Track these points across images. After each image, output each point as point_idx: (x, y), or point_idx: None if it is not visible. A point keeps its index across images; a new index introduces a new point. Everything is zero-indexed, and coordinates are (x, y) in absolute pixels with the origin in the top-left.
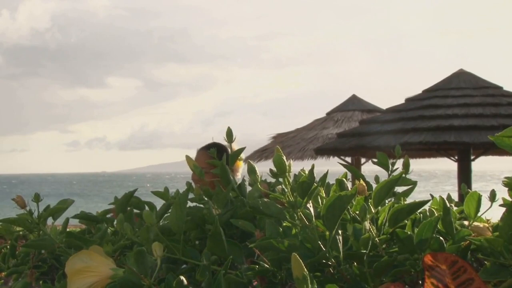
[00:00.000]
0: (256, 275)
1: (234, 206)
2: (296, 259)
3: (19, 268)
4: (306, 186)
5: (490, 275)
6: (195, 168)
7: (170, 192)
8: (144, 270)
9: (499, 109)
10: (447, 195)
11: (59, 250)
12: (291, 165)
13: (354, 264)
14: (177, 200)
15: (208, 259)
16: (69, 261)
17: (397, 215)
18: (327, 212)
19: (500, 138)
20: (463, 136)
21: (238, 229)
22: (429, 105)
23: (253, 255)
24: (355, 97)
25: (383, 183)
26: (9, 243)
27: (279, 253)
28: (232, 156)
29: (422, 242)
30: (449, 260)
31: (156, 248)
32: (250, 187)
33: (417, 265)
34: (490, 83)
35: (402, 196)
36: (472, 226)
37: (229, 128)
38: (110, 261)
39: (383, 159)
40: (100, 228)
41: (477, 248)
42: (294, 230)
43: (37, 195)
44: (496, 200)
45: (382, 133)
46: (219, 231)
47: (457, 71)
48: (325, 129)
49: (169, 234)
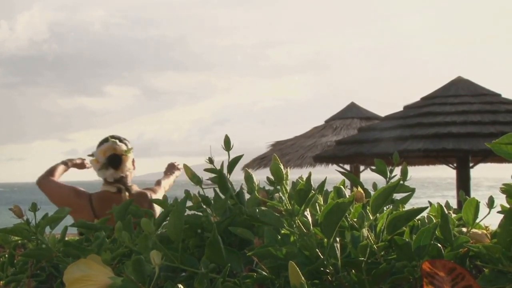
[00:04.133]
0: (255, 283)
1: (232, 214)
2: (294, 267)
3: (17, 276)
4: (304, 193)
5: (489, 282)
6: (193, 177)
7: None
8: (142, 279)
9: (497, 116)
10: (446, 202)
11: (57, 259)
12: (288, 172)
13: (352, 272)
14: (175, 208)
15: (207, 267)
16: (67, 270)
17: (395, 222)
18: (325, 219)
19: (498, 145)
20: (461, 143)
21: (237, 237)
22: (427, 113)
23: (252, 263)
24: (354, 105)
25: (381, 190)
26: (7, 252)
27: (278, 261)
28: (231, 164)
29: (420, 249)
30: (448, 267)
31: (154, 256)
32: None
33: (415, 272)
34: (489, 91)
35: (400, 203)
36: (471, 233)
37: (226, 136)
38: (108, 269)
39: (381, 166)
40: (98, 236)
41: (476, 255)
42: (292, 237)
43: (34, 204)
44: (495, 206)
45: (381, 140)
46: (217, 239)
47: (455, 79)
48: (323, 136)
49: (168, 242)
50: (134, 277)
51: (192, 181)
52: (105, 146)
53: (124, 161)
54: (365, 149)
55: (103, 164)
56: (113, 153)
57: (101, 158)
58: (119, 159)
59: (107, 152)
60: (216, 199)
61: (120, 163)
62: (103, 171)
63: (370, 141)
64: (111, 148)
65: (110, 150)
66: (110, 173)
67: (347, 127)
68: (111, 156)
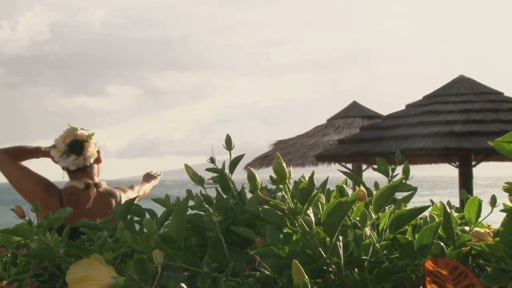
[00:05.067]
0: (257, 282)
1: (234, 213)
2: (297, 266)
3: (20, 276)
4: (306, 192)
5: (491, 280)
6: (194, 176)
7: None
8: (144, 278)
9: (499, 114)
10: (447, 201)
11: (59, 259)
12: (291, 171)
13: (355, 270)
14: (177, 208)
15: (209, 266)
16: (69, 270)
17: (398, 221)
18: (327, 218)
19: (500, 144)
20: (464, 142)
21: (239, 236)
22: (429, 111)
23: (254, 262)
24: (356, 104)
25: (383, 189)
26: (10, 252)
27: (280, 260)
28: (233, 163)
29: (423, 248)
30: (450, 266)
31: (156, 255)
32: (251, 194)
33: (418, 271)
34: (491, 89)
35: (403, 202)
36: (473, 231)
37: (228, 135)
38: (111, 269)
39: (383, 165)
40: (100, 236)
41: (478, 254)
42: (294, 236)
43: (36, 204)
44: (497, 205)
45: (383, 139)
46: (219, 238)
47: (458, 77)
48: (326, 135)
49: (170, 241)
50: (136, 276)
51: (194, 180)
52: (65, 133)
53: (85, 147)
54: (367, 148)
55: (64, 151)
56: (74, 139)
57: (61, 145)
58: (80, 144)
59: (67, 139)
60: (218, 198)
61: (82, 148)
62: (64, 159)
63: (372, 140)
64: (71, 134)
65: (70, 136)
66: (71, 159)
67: (349, 126)
68: (71, 142)
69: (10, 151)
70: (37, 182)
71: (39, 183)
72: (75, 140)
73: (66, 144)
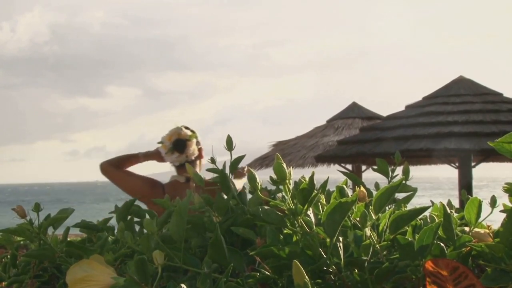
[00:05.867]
0: (257, 283)
1: (234, 214)
2: (297, 266)
3: (20, 277)
4: (307, 193)
5: (491, 281)
6: (195, 176)
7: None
8: (145, 279)
9: (499, 115)
10: (448, 201)
11: (60, 259)
12: (291, 172)
13: (355, 271)
14: (177, 208)
15: (209, 267)
16: (70, 270)
17: (398, 221)
18: (327, 219)
19: (500, 144)
20: (463, 142)
21: (239, 237)
22: (429, 112)
23: (254, 263)
24: (356, 105)
25: (383, 189)
26: (9, 253)
27: (280, 261)
28: (233, 163)
29: (423, 248)
30: (450, 266)
31: (157, 256)
32: (251, 195)
33: (418, 271)
34: (490, 90)
35: (403, 203)
36: (473, 232)
37: (228, 136)
38: (111, 270)
39: (383, 166)
40: (100, 237)
41: (478, 254)
42: (294, 237)
43: (37, 204)
44: (497, 206)
45: (383, 140)
46: (219, 239)
47: (457, 78)
48: (325, 136)
49: (170, 242)
50: (136, 277)
51: (195, 180)
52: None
53: (188, 146)
54: (367, 149)
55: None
56: (178, 137)
57: (167, 143)
58: (183, 143)
59: (172, 137)
60: (218, 199)
61: (185, 147)
62: (169, 155)
63: (372, 141)
64: (176, 133)
65: (175, 135)
66: (175, 156)
67: (349, 127)
68: (175, 141)
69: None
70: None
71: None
72: (179, 139)
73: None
